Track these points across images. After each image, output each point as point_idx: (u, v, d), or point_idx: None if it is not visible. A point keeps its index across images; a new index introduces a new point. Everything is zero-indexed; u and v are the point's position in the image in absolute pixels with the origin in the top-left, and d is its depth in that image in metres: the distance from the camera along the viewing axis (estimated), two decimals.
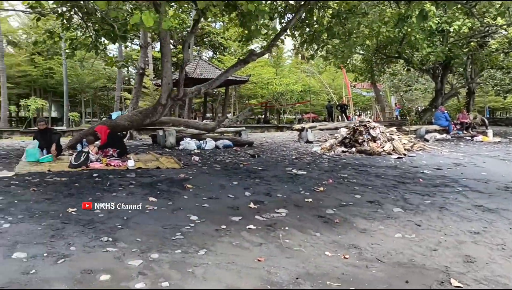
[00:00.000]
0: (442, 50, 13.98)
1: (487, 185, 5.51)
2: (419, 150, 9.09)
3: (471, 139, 13.76)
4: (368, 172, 6.40)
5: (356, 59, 22.13)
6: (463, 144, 12.19)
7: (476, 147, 11.34)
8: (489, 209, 4.14)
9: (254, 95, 36.12)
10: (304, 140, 11.87)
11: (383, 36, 13.18)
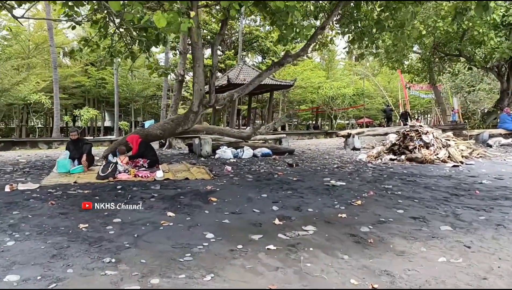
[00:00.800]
0: (509, 46, 12.92)
1: None
2: (479, 157, 8.36)
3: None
4: (416, 183, 5.93)
5: (412, 59, 21.18)
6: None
7: None
8: None
9: (304, 100, 35.79)
10: (350, 147, 11.42)
11: (441, 32, 12.45)
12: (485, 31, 11.88)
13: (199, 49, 6.68)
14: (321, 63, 44.13)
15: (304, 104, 38.98)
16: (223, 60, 34.18)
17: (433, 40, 14.92)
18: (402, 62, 17.97)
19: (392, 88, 38.70)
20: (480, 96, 32.39)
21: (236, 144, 9.79)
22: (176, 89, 14.34)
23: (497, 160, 8.51)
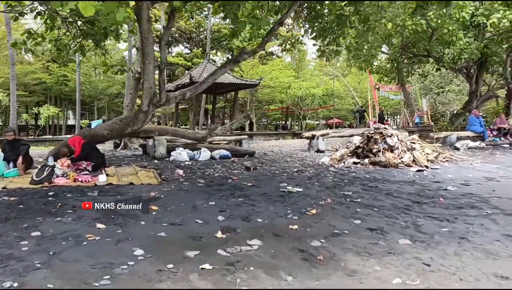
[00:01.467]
0: (477, 46, 13.16)
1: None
2: (445, 161, 8.35)
3: (510, 147, 12.85)
4: (378, 189, 5.76)
5: (381, 59, 21.40)
6: (500, 153, 11.32)
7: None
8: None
9: (273, 100, 35.70)
10: (314, 149, 11.26)
11: (409, 31, 12.49)
12: (453, 29, 12.02)
13: (149, 44, 6.28)
14: (292, 63, 44.25)
15: (274, 104, 38.96)
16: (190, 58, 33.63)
17: (402, 40, 15.05)
18: (370, 63, 18.07)
19: (362, 89, 39.29)
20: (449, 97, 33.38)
21: (193, 145, 9.42)
22: (133, 87, 13.77)
23: (464, 164, 8.53)
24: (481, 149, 12.26)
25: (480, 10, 12.20)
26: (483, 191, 5.68)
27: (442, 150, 9.37)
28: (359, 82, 40.25)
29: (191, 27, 35.47)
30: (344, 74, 40.85)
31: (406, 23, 11.78)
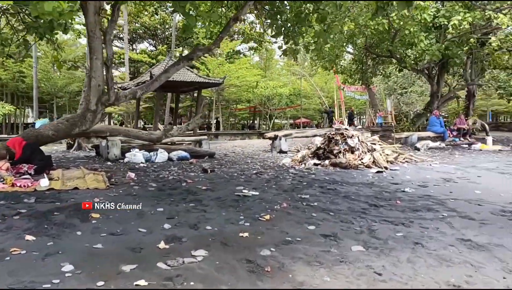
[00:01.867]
0: (438, 48, 13.50)
1: (480, 209, 4.86)
2: (404, 162, 8.46)
3: (469, 147, 13.28)
4: (336, 192, 5.70)
5: (346, 59, 21.68)
6: (459, 153, 11.65)
7: (473, 157, 10.80)
8: (478, 245, 3.46)
9: (239, 99, 35.50)
10: (277, 150, 11.19)
11: (371, 31, 12.65)
12: (415, 31, 12.27)
13: (96, 39, 5.94)
14: (260, 62, 44.33)
15: (241, 104, 38.80)
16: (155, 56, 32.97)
17: (365, 40, 15.25)
18: (335, 63, 18.22)
19: (329, 89, 39.79)
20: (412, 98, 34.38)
21: (150, 146, 9.12)
22: (86, 85, 13.22)
23: (423, 165, 8.68)
24: (441, 150, 12.59)
25: (441, 12, 12.52)
26: (440, 193, 5.74)
27: (402, 150, 9.50)
28: (326, 82, 40.78)
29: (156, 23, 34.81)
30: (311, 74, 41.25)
31: (368, 23, 11.92)
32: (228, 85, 29.74)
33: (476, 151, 12.24)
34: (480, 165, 8.83)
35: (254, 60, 44.63)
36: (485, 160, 9.92)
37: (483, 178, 7.14)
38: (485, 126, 18.38)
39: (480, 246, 3.42)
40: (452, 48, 14.23)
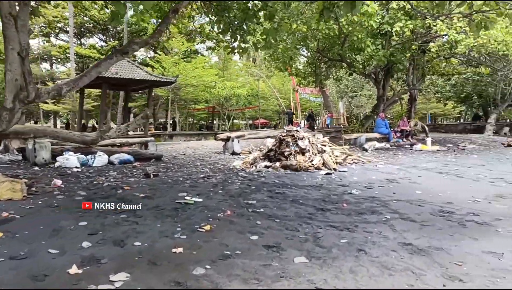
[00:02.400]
0: (384, 54, 13.65)
1: (420, 210, 4.73)
2: (352, 163, 8.34)
3: (411, 147, 13.52)
4: (285, 196, 5.40)
5: (300, 62, 21.62)
6: (402, 153, 11.79)
7: (414, 157, 10.93)
8: (419, 249, 3.27)
9: (197, 99, 34.65)
10: (229, 151, 10.81)
11: (322, 34, 12.56)
12: (362, 37, 12.31)
13: (12, 25, 5.13)
14: (219, 63, 43.75)
15: (199, 104, 37.98)
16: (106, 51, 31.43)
17: (317, 43, 15.18)
18: (289, 64, 18.03)
19: (286, 90, 39.81)
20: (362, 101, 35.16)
21: (87, 149, 8.37)
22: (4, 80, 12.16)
23: (369, 165, 8.60)
24: (386, 150, 12.70)
25: (385, 19, 12.65)
26: (384, 194, 5.60)
27: (350, 151, 9.42)
28: (283, 84, 40.81)
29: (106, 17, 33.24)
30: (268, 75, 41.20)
31: (319, 26, 11.82)
32: (184, 84, 28.95)
33: (417, 152, 12.45)
34: (421, 165, 8.88)
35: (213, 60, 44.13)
36: (425, 160, 10.04)
37: (423, 178, 7.12)
38: (425, 127, 18.92)
39: (421, 251, 3.23)
40: (396, 54, 14.45)
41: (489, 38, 11.01)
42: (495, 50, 12.19)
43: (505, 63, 16.83)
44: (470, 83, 25.25)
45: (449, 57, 16.55)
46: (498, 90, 24.04)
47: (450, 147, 13.96)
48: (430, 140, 13.89)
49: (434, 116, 47.84)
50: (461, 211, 4.67)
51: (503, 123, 27.61)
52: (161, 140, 23.85)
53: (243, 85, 38.09)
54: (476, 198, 5.41)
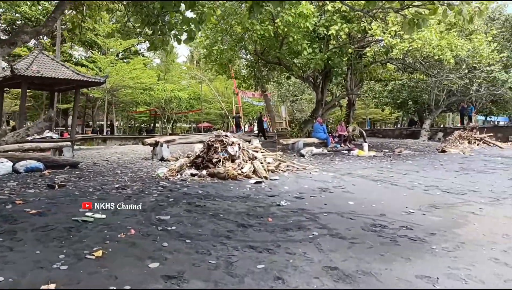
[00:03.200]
0: (321, 57, 13.63)
1: (352, 224, 4.48)
2: (285, 171, 8.05)
3: (348, 153, 13.62)
4: (205, 209, 4.92)
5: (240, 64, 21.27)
6: (339, 159, 11.78)
7: (350, 163, 10.94)
8: (345, 275, 2.95)
9: (136, 101, 33.13)
10: (158, 157, 10.12)
11: (257, 36, 12.26)
12: (298, 39, 12.17)
13: None
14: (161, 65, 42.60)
15: (140, 106, 36.39)
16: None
17: (255, 45, 14.89)
18: (228, 67, 17.61)
19: (229, 94, 39.41)
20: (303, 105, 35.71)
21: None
22: None
23: (303, 173, 8.36)
24: (323, 156, 12.66)
25: (321, 21, 12.63)
26: (314, 206, 5.30)
27: (284, 158, 9.14)
28: (227, 87, 40.42)
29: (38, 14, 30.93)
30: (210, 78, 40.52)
31: (255, 27, 11.51)
32: (121, 86, 27.58)
33: (354, 157, 12.54)
34: (356, 172, 8.82)
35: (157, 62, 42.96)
36: (361, 167, 10.05)
37: (357, 186, 6.99)
38: (363, 133, 19.36)
39: (347, 277, 2.90)
40: (334, 58, 14.55)
41: (423, 43, 11.31)
42: (430, 55, 12.59)
43: (439, 69, 17.62)
44: (406, 89, 26.35)
45: (385, 62, 17.03)
46: (432, 96, 25.28)
47: (386, 153, 14.28)
48: (367, 145, 14.11)
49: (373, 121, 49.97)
50: (394, 225, 4.48)
51: (437, 128, 29.19)
52: (93, 144, 22.42)
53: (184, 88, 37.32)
54: (410, 209, 5.29)
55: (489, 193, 6.89)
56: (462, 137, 18.81)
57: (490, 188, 7.35)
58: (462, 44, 12.66)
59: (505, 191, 7.04)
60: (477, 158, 13.26)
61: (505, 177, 9.13)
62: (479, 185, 7.75)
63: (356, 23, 12.61)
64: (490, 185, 7.74)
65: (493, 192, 6.97)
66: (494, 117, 36.24)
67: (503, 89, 22.34)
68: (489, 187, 7.59)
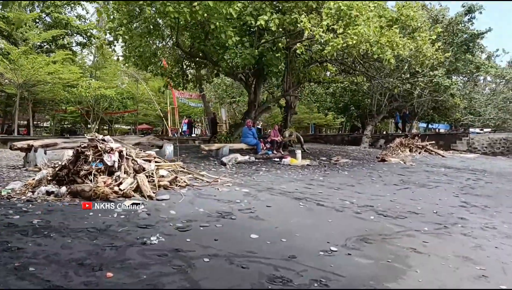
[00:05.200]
0: (251, 52, 12.21)
1: (242, 276, 3.14)
2: (184, 186, 6.45)
3: (280, 161, 12.34)
4: (15, 255, 3.23)
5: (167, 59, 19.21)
6: (266, 168, 10.43)
7: (277, 174, 9.63)
8: None
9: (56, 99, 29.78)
10: (31, 165, 8.14)
11: (170, 19, 10.53)
12: (221, 26, 10.66)
13: None
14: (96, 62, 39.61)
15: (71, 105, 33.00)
16: None
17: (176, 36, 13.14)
18: (150, 62, 15.53)
19: (169, 94, 37.13)
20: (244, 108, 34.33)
21: None
22: None
23: (210, 189, 6.81)
24: (250, 164, 11.26)
25: (248, 9, 11.24)
26: (198, 243, 3.82)
27: (192, 169, 7.59)
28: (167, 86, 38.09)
29: None
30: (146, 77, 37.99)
31: (167, 9, 9.86)
32: (36, 81, 24.46)
33: (285, 167, 11.26)
34: (279, 187, 7.47)
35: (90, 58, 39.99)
36: (288, 179, 8.76)
37: (273, 208, 5.62)
38: (300, 138, 18.32)
39: None
40: (267, 54, 13.26)
41: (360, 39, 10.26)
42: (369, 54, 11.64)
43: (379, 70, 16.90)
44: (347, 93, 25.87)
45: (322, 62, 16.01)
46: (374, 101, 24.96)
47: (322, 161, 13.20)
48: (300, 153, 12.86)
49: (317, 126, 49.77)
50: (303, 277, 3.18)
51: (379, 135, 29.08)
52: None
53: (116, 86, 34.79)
54: (333, 245, 3.99)
55: (434, 216, 5.81)
56: (404, 144, 18.37)
57: (435, 208, 6.31)
58: (404, 42, 11.81)
59: (452, 214, 6.01)
60: (418, 168, 12.54)
61: (449, 192, 8.25)
62: (421, 203, 6.71)
63: (289, 15, 11.36)
64: (434, 204, 6.72)
65: (438, 214, 5.91)
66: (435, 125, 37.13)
67: (445, 95, 22.38)
68: (433, 206, 6.56)
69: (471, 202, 7.16)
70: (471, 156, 18.91)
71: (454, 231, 4.94)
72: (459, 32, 23.12)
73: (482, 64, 23.88)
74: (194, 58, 16.03)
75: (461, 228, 5.16)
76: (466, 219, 5.69)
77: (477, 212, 6.30)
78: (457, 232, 4.92)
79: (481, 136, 24.61)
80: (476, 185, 9.39)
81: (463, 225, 5.33)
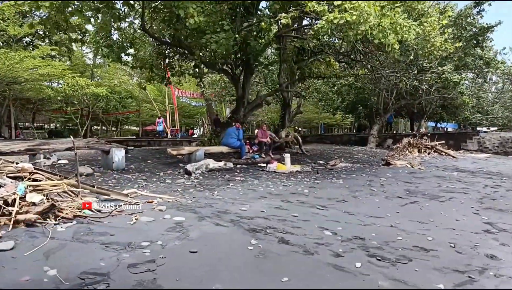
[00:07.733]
0: (229, 36, 9.86)
1: None
2: (72, 217, 4.09)
3: (265, 167, 10.03)
4: None
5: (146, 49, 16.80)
6: (241, 178, 8.14)
7: (254, 185, 7.35)
8: None
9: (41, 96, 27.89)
10: None
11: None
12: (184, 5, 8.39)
13: None
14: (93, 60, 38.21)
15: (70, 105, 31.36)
16: None
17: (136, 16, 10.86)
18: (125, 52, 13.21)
19: (170, 94, 35.16)
20: None
21: None
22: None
23: (127, 216, 4.54)
24: (224, 172, 8.97)
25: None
26: None
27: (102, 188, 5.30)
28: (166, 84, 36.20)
29: None
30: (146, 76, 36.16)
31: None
32: (13, 78, 22.53)
33: (268, 174, 8.94)
34: (239, 208, 5.14)
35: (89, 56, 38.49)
36: (260, 194, 6.46)
37: (198, 256, 3.30)
38: (298, 139, 16.02)
39: None
40: (250, 41, 10.95)
41: (359, 18, 7.93)
42: (369, 38, 9.24)
43: (382, 60, 14.40)
44: (353, 91, 23.46)
45: (317, 52, 13.49)
46: (381, 99, 22.56)
47: (316, 167, 10.85)
48: (289, 157, 10.45)
49: (327, 126, 47.07)
50: None
51: (386, 135, 26.56)
52: None
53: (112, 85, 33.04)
54: None
55: (451, 253, 3.50)
56: (412, 145, 15.97)
57: (451, 238, 3.98)
58: (410, 24, 9.36)
59: (476, 247, 3.67)
60: (428, 173, 10.10)
61: (467, 207, 5.87)
62: (432, 230, 4.36)
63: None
64: (451, 230, 4.37)
65: (457, 250, 3.57)
66: (444, 124, 34.45)
67: (454, 92, 19.96)
68: (448, 233, 4.23)
69: (497, 223, 4.86)
70: (483, 156, 16.79)
71: (485, 285, 2.65)
72: (468, 25, 20.54)
73: (492, 60, 21.27)
74: (172, 47, 13.70)
75: (495, 279, 2.89)
76: (498, 259, 3.41)
77: (510, 242, 4.01)
78: (491, 285, 2.64)
79: (492, 135, 22.31)
80: (497, 195, 7.09)
81: (496, 271, 3.07)
